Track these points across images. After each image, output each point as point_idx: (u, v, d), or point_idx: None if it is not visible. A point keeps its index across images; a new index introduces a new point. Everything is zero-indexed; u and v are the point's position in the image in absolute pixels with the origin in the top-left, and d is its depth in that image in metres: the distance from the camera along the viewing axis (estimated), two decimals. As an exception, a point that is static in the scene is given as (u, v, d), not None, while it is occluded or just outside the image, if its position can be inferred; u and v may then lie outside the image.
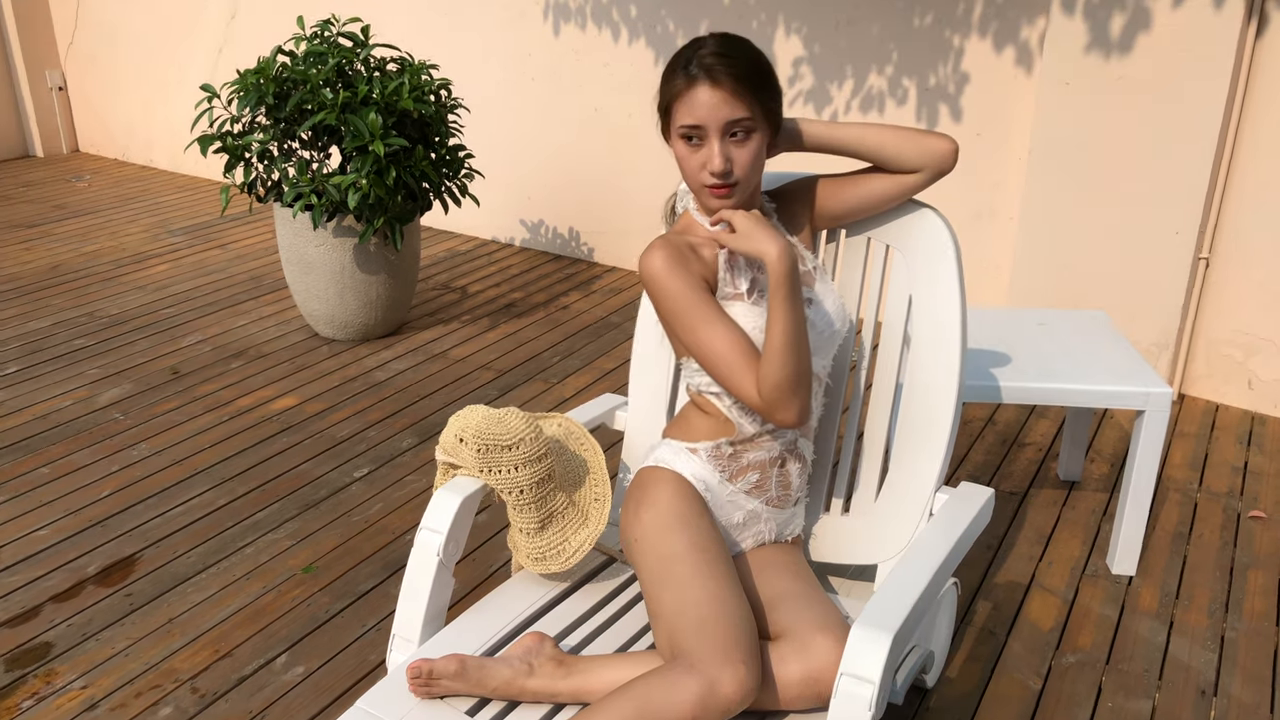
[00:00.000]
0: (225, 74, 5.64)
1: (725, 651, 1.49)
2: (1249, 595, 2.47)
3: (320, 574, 2.49)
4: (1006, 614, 2.39)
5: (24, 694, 2.09)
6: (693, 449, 1.77)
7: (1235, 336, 3.39)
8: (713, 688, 1.46)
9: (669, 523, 1.67)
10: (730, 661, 1.48)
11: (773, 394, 1.59)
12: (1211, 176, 3.19)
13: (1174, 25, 3.10)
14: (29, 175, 5.95)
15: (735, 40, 1.64)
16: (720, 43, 1.62)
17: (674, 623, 1.56)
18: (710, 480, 1.76)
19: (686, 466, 1.76)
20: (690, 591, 1.57)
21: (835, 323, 1.77)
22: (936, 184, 3.81)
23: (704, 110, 1.60)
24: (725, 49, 1.61)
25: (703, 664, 1.48)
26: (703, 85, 1.60)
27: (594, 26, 4.36)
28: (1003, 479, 2.96)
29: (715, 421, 1.76)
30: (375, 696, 1.60)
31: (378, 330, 3.83)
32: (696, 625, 1.53)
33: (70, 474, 2.90)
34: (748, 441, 1.75)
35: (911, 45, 3.72)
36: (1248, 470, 3.04)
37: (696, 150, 1.64)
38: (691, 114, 1.61)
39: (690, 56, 1.62)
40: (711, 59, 1.60)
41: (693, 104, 1.61)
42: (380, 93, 3.42)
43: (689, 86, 1.61)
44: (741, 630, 1.53)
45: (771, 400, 1.60)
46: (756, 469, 1.77)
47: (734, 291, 1.71)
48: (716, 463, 1.76)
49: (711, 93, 1.59)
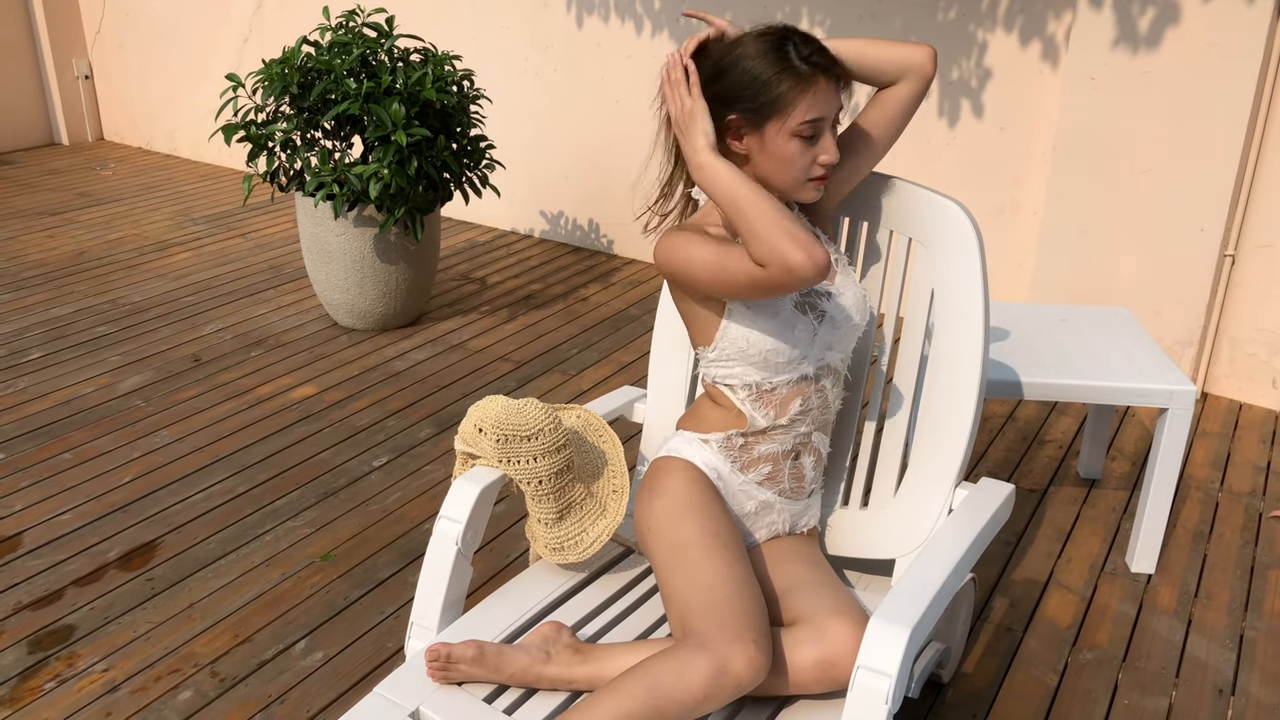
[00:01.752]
0: (250, 64, 5.67)
1: (736, 630, 1.50)
2: (1269, 595, 2.45)
3: (339, 561, 2.50)
4: (1024, 610, 2.38)
5: (46, 676, 2.12)
6: (705, 439, 1.78)
7: (1260, 335, 3.36)
8: (723, 666, 1.47)
9: (680, 509, 1.68)
10: (741, 640, 1.49)
11: (768, 254, 1.52)
12: (1238, 173, 3.16)
13: (1202, 20, 3.07)
14: (54, 163, 5.99)
15: (805, 33, 1.64)
16: (801, 35, 1.62)
17: (685, 605, 1.56)
18: (722, 469, 1.77)
19: (699, 455, 1.77)
20: (701, 574, 1.58)
21: (854, 316, 1.76)
22: (960, 178, 3.80)
23: (825, 104, 1.60)
24: (810, 40, 1.61)
25: (713, 642, 1.49)
26: (823, 79, 1.59)
27: (617, 18, 4.36)
28: (1023, 476, 2.94)
29: (728, 413, 1.76)
30: (393, 682, 1.61)
31: (397, 320, 3.84)
32: (707, 606, 1.54)
33: (92, 460, 2.92)
34: (759, 434, 1.75)
35: (935, 39, 3.70)
36: (1270, 470, 3.01)
37: (810, 146, 1.63)
38: (816, 108, 1.60)
39: (787, 54, 1.59)
40: (814, 53, 1.60)
41: (817, 98, 1.60)
42: (403, 83, 3.43)
43: (810, 82, 1.59)
44: (752, 610, 1.54)
45: (768, 258, 1.52)
46: (769, 461, 1.77)
47: None
48: (728, 453, 1.77)
49: (829, 84, 1.60)
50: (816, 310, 1.72)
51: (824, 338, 1.73)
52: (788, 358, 1.70)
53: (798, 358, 1.71)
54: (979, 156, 3.75)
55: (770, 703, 1.61)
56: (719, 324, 1.71)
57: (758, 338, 1.68)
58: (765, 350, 1.69)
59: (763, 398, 1.74)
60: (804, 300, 1.72)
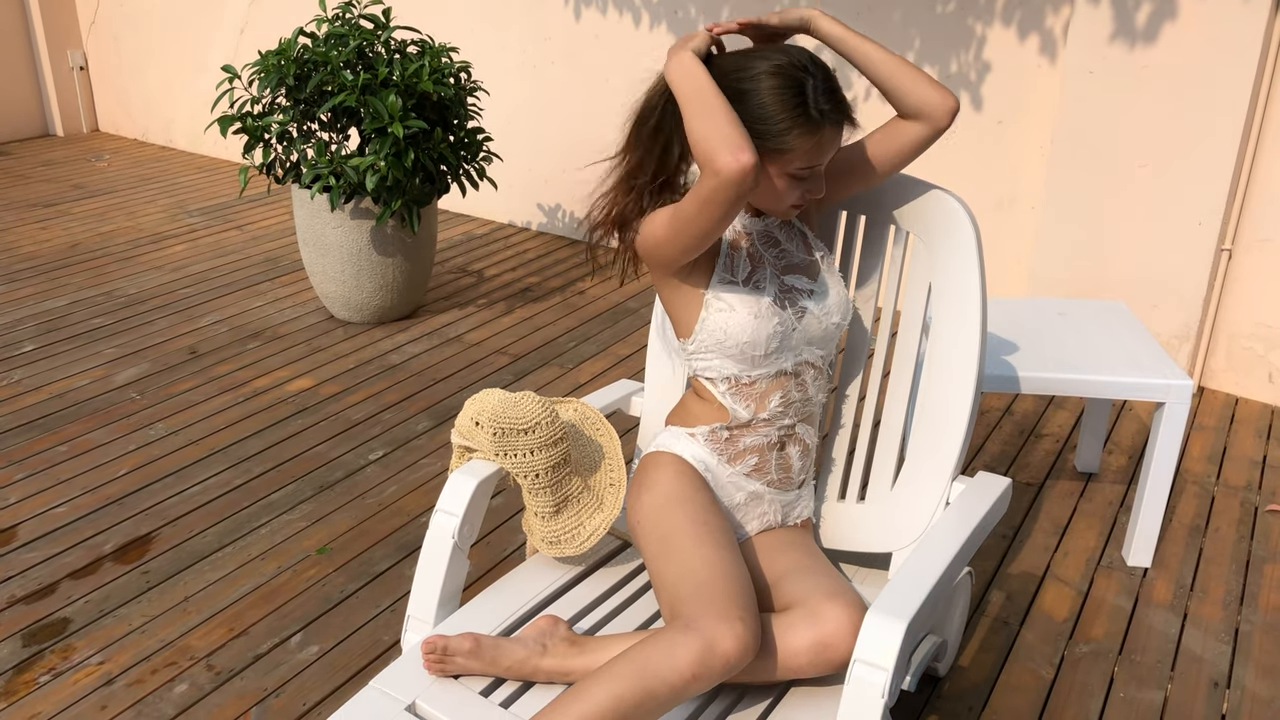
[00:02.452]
0: (246, 55, 5.65)
1: (722, 609, 1.50)
2: (1265, 589, 2.46)
3: (335, 555, 2.50)
4: (1021, 604, 2.38)
5: (41, 669, 2.11)
6: (691, 433, 1.80)
7: (1257, 329, 3.36)
8: (711, 645, 1.47)
9: (669, 501, 1.70)
10: (728, 619, 1.49)
11: (701, 155, 1.51)
12: (1236, 167, 3.16)
13: (1200, 14, 3.07)
14: (49, 154, 5.97)
15: (824, 66, 1.61)
16: (823, 76, 1.59)
17: (674, 592, 1.58)
18: (710, 462, 1.78)
19: (686, 449, 1.79)
20: (689, 561, 1.60)
21: (835, 315, 1.78)
22: (959, 173, 3.79)
23: (826, 152, 1.61)
24: (829, 82, 1.59)
25: (700, 622, 1.49)
26: (829, 130, 1.59)
27: (615, 11, 4.34)
28: (1020, 469, 2.95)
29: (712, 407, 1.78)
30: (390, 676, 1.61)
31: (393, 313, 3.83)
32: (694, 589, 1.55)
33: (87, 452, 2.91)
34: (743, 427, 1.77)
35: (933, 32, 3.70)
36: (1266, 464, 3.02)
37: (800, 182, 1.64)
38: (816, 156, 1.61)
39: (804, 101, 1.57)
40: (830, 102, 1.58)
41: (823, 148, 1.61)
42: (400, 75, 3.42)
43: (818, 132, 1.58)
44: (739, 590, 1.55)
45: (703, 159, 1.51)
46: (755, 453, 1.78)
47: (730, 278, 1.72)
48: (714, 446, 1.79)
49: (834, 132, 1.61)
50: (796, 306, 1.74)
51: (803, 334, 1.75)
52: (764, 351, 1.72)
53: (775, 352, 1.72)
54: (977, 150, 3.75)
55: (769, 692, 1.62)
56: (699, 315, 1.72)
57: (735, 330, 1.70)
58: (742, 343, 1.70)
59: (742, 391, 1.75)
60: (783, 296, 1.74)
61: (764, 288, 1.73)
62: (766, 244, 1.76)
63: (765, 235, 1.77)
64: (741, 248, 1.74)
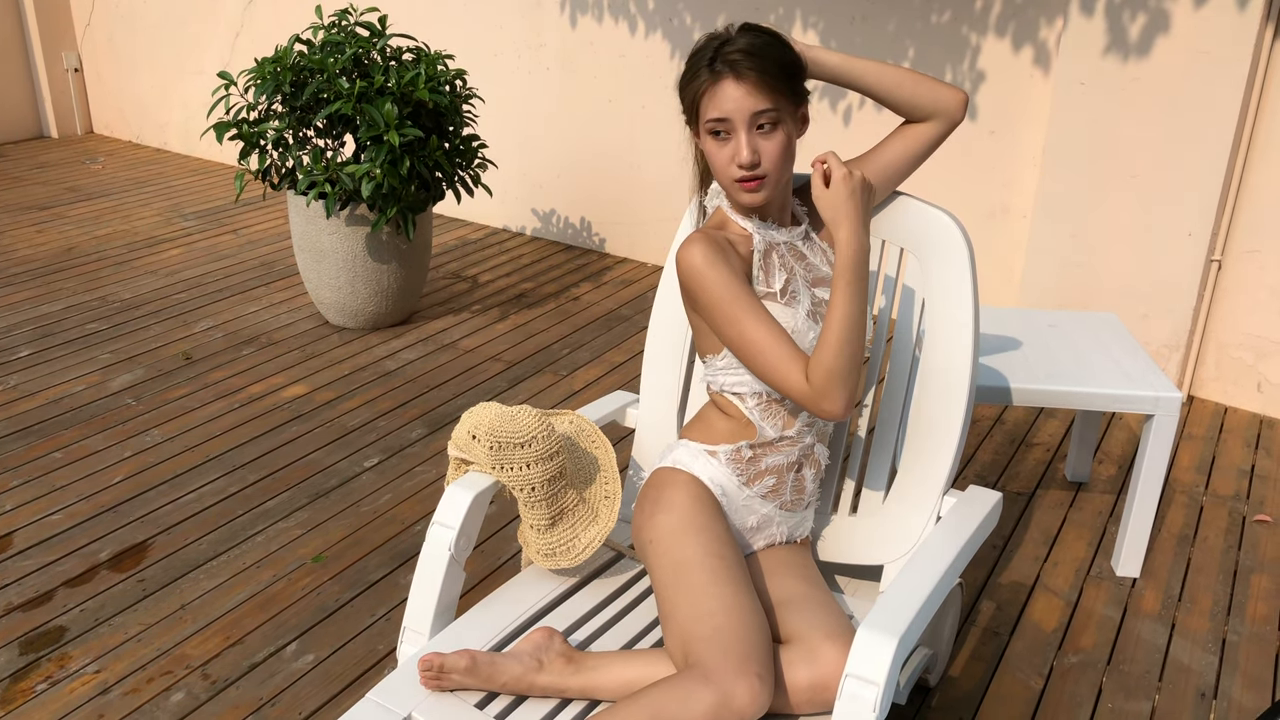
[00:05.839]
0: (241, 60, 5.65)
1: (740, 663, 1.49)
2: (1252, 599, 2.48)
3: (330, 563, 2.51)
4: (1010, 614, 2.41)
5: (38, 677, 2.12)
6: (711, 451, 1.77)
7: (1246, 339, 3.39)
8: (727, 700, 1.47)
9: (685, 528, 1.68)
10: (745, 674, 1.49)
11: (825, 382, 1.57)
12: (1225, 179, 3.19)
13: (1192, 27, 3.10)
14: (43, 156, 5.97)
15: (759, 32, 1.64)
16: (744, 36, 1.62)
17: (688, 630, 1.56)
18: (727, 485, 1.76)
19: (704, 470, 1.76)
20: (705, 600, 1.58)
21: None
22: (951, 182, 3.81)
23: (730, 104, 1.60)
24: (749, 43, 1.61)
25: (717, 675, 1.48)
26: (728, 79, 1.60)
27: (610, 18, 4.36)
28: (1010, 479, 2.97)
29: (736, 424, 1.76)
30: (386, 688, 1.62)
31: (388, 319, 3.84)
32: (711, 634, 1.53)
33: (83, 459, 2.92)
34: (768, 445, 1.76)
35: (927, 42, 3.72)
36: (1255, 474, 3.04)
37: (725, 144, 1.64)
38: (718, 108, 1.61)
39: (714, 51, 1.62)
40: (736, 54, 1.60)
41: (719, 98, 1.61)
42: (396, 83, 3.43)
43: (715, 81, 1.61)
44: (756, 641, 1.54)
45: (822, 388, 1.57)
46: (774, 473, 1.77)
47: (767, 290, 1.71)
48: (735, 466, 1.76)
49: (737, 86, 1.60)
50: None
51: None
52: None
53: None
54: (969, 160, 3.77)
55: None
56: None
57: None
58: None
59: (770, 407, 1.74)
60: (815, 310, 1.73)
61: (800, 300, 1.72)
62: (795, 256, 1.75)
63: (791, 247, 1.76)
64: (774, 258, 1.73)
